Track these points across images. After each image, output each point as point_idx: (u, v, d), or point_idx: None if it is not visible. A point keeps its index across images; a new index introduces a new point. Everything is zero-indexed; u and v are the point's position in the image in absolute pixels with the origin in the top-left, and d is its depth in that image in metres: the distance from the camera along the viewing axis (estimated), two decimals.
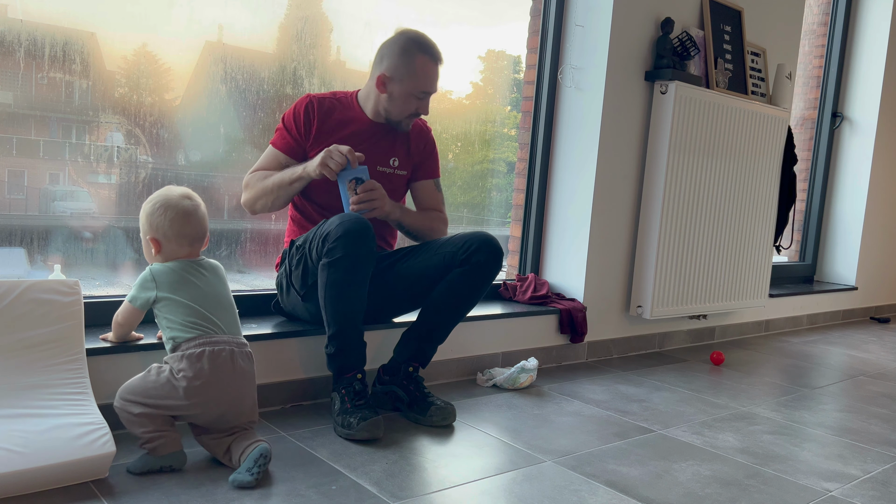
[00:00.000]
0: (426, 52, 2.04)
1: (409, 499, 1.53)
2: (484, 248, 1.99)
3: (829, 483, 1.78)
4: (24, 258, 1.96)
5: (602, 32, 2.75)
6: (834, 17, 4.27)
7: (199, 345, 1.55)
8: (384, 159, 2.14)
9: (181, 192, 1.67)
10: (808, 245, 4.42)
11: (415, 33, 2.07)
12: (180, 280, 1.61)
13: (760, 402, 2.46)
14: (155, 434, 1.53)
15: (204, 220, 1.69)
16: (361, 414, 1.82)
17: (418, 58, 2.03)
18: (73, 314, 1.66)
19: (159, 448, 1.54)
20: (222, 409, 1.57)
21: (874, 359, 3.32)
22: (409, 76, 2.04)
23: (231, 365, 1.58)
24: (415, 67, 2.03)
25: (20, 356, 1.57)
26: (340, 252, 1.81)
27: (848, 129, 4.35)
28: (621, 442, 1.97)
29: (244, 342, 1.65)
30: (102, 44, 2.01)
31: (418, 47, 2.04)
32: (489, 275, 2.02)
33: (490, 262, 2.00)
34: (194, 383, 1.52)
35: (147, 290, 1.61)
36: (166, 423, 1.56)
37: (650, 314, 2.91)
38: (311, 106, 2.07)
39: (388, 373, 2.07)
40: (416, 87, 2.05)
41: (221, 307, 1.64)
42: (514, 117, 3.03)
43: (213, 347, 1.56)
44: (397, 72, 2.04)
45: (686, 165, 2.93)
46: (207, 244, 1.73)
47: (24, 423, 1.46)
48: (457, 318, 2.07)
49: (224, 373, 1.56)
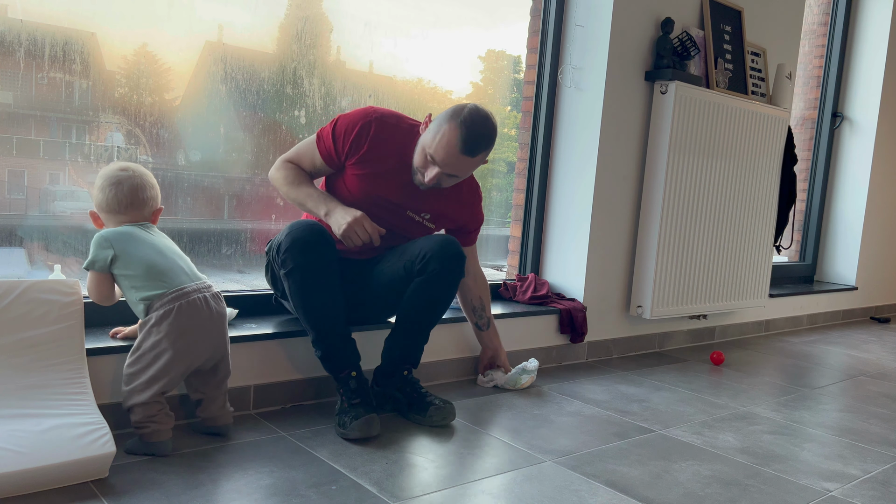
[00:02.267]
0: (464, 127, 1.88)
1: (409, 499, 1.53)
2: (437, 256, 1.93)
3: (829, 483, 1.78)
4: (24, 258, 1.96)
5: (602, 32, 2.75)
6: (834, 17, 4.27)
7: (172, 300, 1.62)
8: (417, 208, 2.07)
9: (118, 165, 1.74)
10: (808, 245, 4.42)
11: (479, 111, 1.93)
12: (131, 236, 1.67)
13: (760, 402, 2.46)
14: (147, 421, 1.61)
15: (137, 187, 1.71)
16: (355, 413, 1.83)
17: (453, 125, 1.89)
18: (73, 314, 1.66)
19: (148, 435, 1.61)
20: (209, 352, 1.69)
21: (874, 359, 3.32)
22: (432, 132, 1.92)
23: (208, 310, 1.66)
24: (444, 130, 1.89)
25: (20, 356, 1.57)
26: (291, 263, 1.85)
27: (848, 129, 4.35)
28: (621, 442, 1.97)
29: (209, 283, 1.72)
30: (102, 44, 2.01)
31: (464, 119, 1.89)
32: (447, 282, 1.96)
33: (444, 271, 1.93)
34: (179, 342, 1.61)
35: (103, 248, 1.64)
36: (161, 413, 1.63)
37: (650, 314, 2.91)
38: (367, 129, 1.99)
39: (384, 376, 2.06)
40: (429, 147, 1.92)
41: (178, 255, 1.71)
42: (514, 117, 3.03)
43: (185, 300, 1.63)
44: (434, 121, 1.95)
45: (686, 165, 2.93)
46: (156, 214, 1.77)
47: (24, 423, 1.46)
48: (430, 322, 2.03)
49: (203, 319, 1.65)
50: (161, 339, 1.60)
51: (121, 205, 1.69)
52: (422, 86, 2.65)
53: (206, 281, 1.72)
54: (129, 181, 1.71)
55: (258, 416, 1.96)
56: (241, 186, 2.31)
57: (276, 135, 2.33)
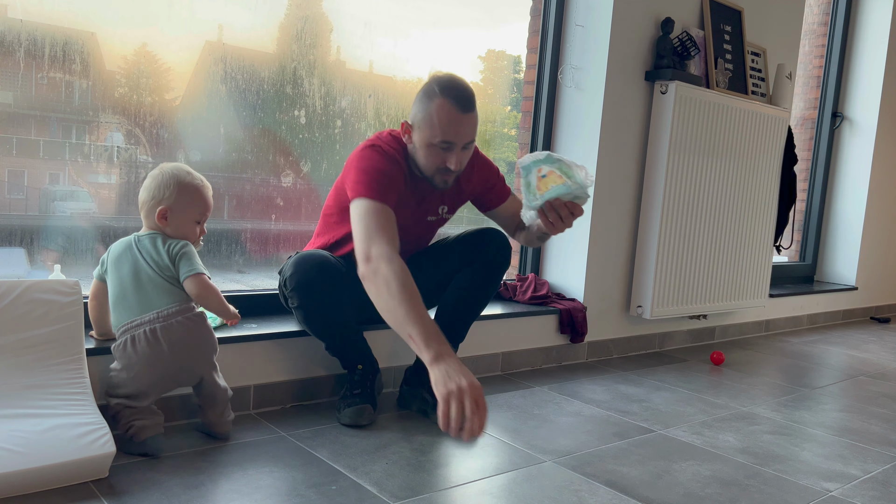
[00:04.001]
0: (447, 94, 1.77)
1: (409, 499, 1.53)
2: (491, 244, 2.00)
3: (829, 483, 1.78)
4: (24, 258, 1.96)
5: (602, 32, 2.75)
6: (834, 17, 4.27)
7: (123, 332, 1.64)
8: (434, 210, 2.03)
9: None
10: (809, 245, 4.42)
11: (443, 75, 1.82)
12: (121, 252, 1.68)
13: (760, 402, 2.46)
14: (131, 422, 1.62)
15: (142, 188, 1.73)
16: (352, 401, 1.93)
17: (436, 101, 1.77)
18: (73, 314, 1.66)
19: (136, 434, 1.61)
20: (168, 375, 1.66)
21: (874, 359, 3.32)
22: (426, 123, 1.79)
23: (156, 340, 1.62)
24: (432, 112, 1.77)
25: (20, 356, 1.57)
26: (297, 301, 1.87)
27: (848, 129, 4.35)
28: (621, 442, 1.97)
29: (168, 313, 1.64)
30: (102, 44, 2.01)
31: (441, 90, 1.77)
32: (498, 270, 2.04)
33: (498, 258, 2.01)
34: (129, 365, 1.61)
35: (101, 262, 1.71)
36: (144, 412, 1.63)
37: (650, 314, 2.91)
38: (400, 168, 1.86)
39: (414, 375, 2.10)
40: (434, 136, 1.79)
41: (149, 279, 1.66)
42: (515, 117, 3.03)
43: (132, 334, 1.62)
44: (416, 118, 1.81)
45: (686, 165, 2.93)
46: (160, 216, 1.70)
47: (23, 423, 1.46)
48: (472, 317, 2.09)
49: (153, 349, 1.62)
50: (121, 367, 1.63)
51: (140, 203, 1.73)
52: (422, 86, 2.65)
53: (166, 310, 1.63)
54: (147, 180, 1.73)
55: (258, 416, 1.96)
56: (241, 186, 2.31)
57: (276, 135, 2.33)
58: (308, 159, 2.41)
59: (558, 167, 1.77)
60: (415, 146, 1.84)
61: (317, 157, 2.43)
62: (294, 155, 2.38)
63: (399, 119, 2.56)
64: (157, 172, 1.71)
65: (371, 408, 1.95)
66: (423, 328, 1.53)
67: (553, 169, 1.77)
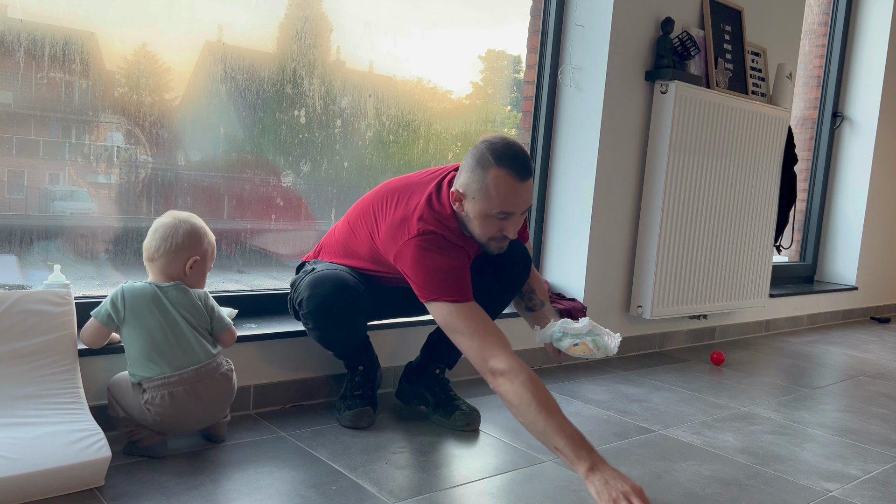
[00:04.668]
0: (504, 164, 1.67)
1: (409, 499, 1.53)
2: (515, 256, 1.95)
3: (829, 483, 1.78)
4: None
5: (602, 32, 2.75)
6: (834, 17, 4.27)
7: (158, 386, 1.59)
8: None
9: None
10: (809, 245, 4.42)
11: (496, 140, 1.71)
12: (146, 303, 1.62)
13: (761, 402, 2.46)
14: (136, 430, 1.63)
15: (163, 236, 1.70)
16: (352, 402, 1.95)
17: (492, 172, 1.67)
18: (65, 324, 1.66)
19: (141, 441, 1.62)
20: (193, 425, 1.69)
21: (874, 359, 3.31)
22: (482, 194, 1.69)
23: (195, 395, 1.62)
24: (489, 184, 1.68)
25: (12, 367, 1.57)
26: (311, 323, 1.86)
27: (848, 129, 4.35)
28: (621, 442, 1.96)
29: (207, 369, 1.64)
30: (102, 44, 2.01)
31: (496, 159, 1.67)
32: (519, 281, 1.99)
33: (521, 268, 1.97)
34: (161, 416, 1.60)
35: (114, 305, 1.62)
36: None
37: (650, 314, 2.91)
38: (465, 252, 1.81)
39: (415, 372, 2.10)
40: (492, 208, 1.70)
41: (177, 337, 1.63)
42: (515, 117, 3.03)
43: (170, 389, 1.59)
44: (469, 188, 1.70)
45: (686, 165, 2.93)
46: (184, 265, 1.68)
47: (17, 431, 1.45)
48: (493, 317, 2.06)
49: (189, 403, 1.61)
50: (153, 414, 1.60)
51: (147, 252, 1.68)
52: (422, 85, 2.65)
53: (204, 360, 1.64)
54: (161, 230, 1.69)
55: (258, 416, 1.96)
56: (241, 186, 2.31)
57: (276, 134, 2.33)
58: (308, 159, 2.41)
59: (593, 339, 1.75)
60: (467, 215, 1.74)
61: (317, 157, 2.43)
62: (294, 155, 2.38)
63: (399, 119, 2.56)
64: (177, 222, 1.67)
65: (371, 410, 1.96)
66: (567, 439, 1.52)
67: (587, 340, 1.75)
